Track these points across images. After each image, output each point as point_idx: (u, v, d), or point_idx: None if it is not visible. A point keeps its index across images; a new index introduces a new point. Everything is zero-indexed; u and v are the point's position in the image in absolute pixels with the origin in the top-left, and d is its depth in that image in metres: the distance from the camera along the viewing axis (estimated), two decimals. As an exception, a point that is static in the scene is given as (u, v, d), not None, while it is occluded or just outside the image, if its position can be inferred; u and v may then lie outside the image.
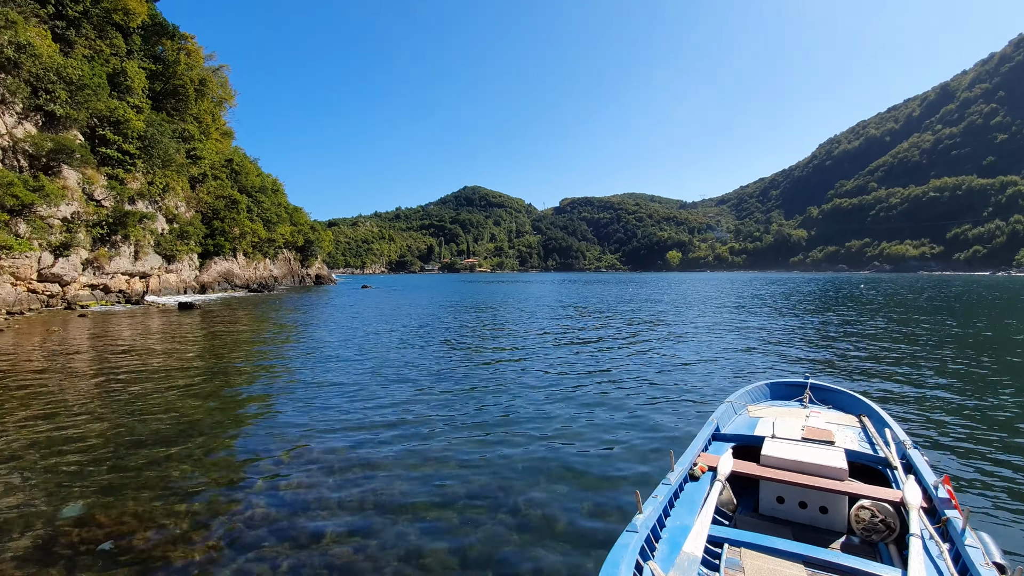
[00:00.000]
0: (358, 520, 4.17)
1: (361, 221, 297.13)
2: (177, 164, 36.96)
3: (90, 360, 11.29)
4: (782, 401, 5.64)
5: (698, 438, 4.15)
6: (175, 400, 7.85)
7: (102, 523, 4.09)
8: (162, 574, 3.46)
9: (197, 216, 40.74)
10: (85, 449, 5.72)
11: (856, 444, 4.09)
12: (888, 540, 3.16)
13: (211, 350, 12.84)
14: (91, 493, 4.63)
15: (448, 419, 6.97)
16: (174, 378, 9.44)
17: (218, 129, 50.58)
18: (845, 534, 3.29)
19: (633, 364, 10.99)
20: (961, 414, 7.05)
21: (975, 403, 7.60)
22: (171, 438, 6.11)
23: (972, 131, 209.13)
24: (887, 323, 18.78)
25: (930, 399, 7.90)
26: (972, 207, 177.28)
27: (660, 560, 2.62)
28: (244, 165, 52.96)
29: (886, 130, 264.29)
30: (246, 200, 48.53)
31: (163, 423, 6.69)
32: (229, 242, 44.74)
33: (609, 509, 4.35)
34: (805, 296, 37.11)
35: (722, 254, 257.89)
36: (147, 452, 5.63)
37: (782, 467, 3.55)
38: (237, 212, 45.72)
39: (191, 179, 41.06)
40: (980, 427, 6.48)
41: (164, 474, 5.07)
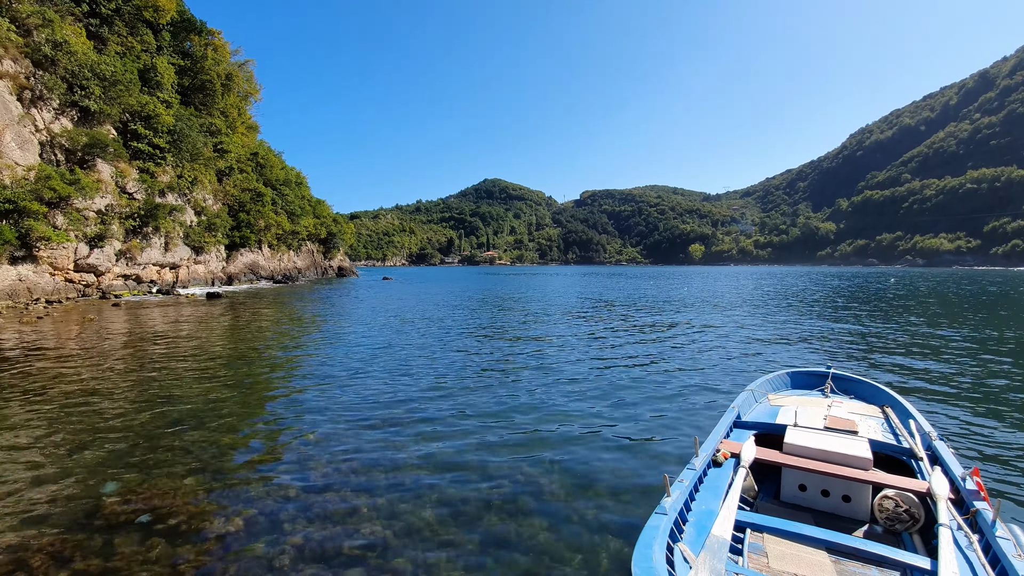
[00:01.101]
0: (384, 501, 4.28)
1: (382, 214, 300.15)
2: (205, 158, 37.80)
3: (125, 347, 11.71)
4: (803, 391, 5.58)
5: (720, 425, 4.14)
6: (205, 385, 8.12)
7: (139, 498, 4.28)
8: (197, 545, 3.62)
9: (224, 209, 41.65)
10: (122, 429, 5.97)
11: (880, 434, 4.03)
12: (912, 530, 3.12)
13: (238, 338, 13.19)
14: (129, 471, 4.85)
15: (473, 405, 7.06)
16: (203, 364, 9.75)
17: (244, 123, 51.48)
18: (868, 523, 3.26)
19: (655, 354, 10.93)
20: (990, 409, 6.84)
21: (1006, 396, 7.36)
22: (202, 421, 6.33)
23: (1013, 120, 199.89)
24: (915, 318, 18.25)
25: (957, 392, 7.69)
26: (1012, 199, 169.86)
27: (688, 542, 2.66)
28: (269, 158, 53.85)
29: (921, 119, 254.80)
30: (271, 193, 49.38)
31: (195, 406, 6.93)
32: (254, 234, 45.64)
33: (634, 490, 4.41)
34: (834, 292, 36.21)
35: (746, 247, 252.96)
36: (180, 434, 5.86)
37: (805, 455, 3.52)
38: (262, 205, 46.57)
39: (218, 172, 41.96)
40: (1010, 421, 6.28)
41: (196, 454, 5.27)
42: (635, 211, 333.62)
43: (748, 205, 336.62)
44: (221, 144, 41.67)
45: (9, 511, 4.06)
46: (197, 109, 39.87)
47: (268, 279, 47.46)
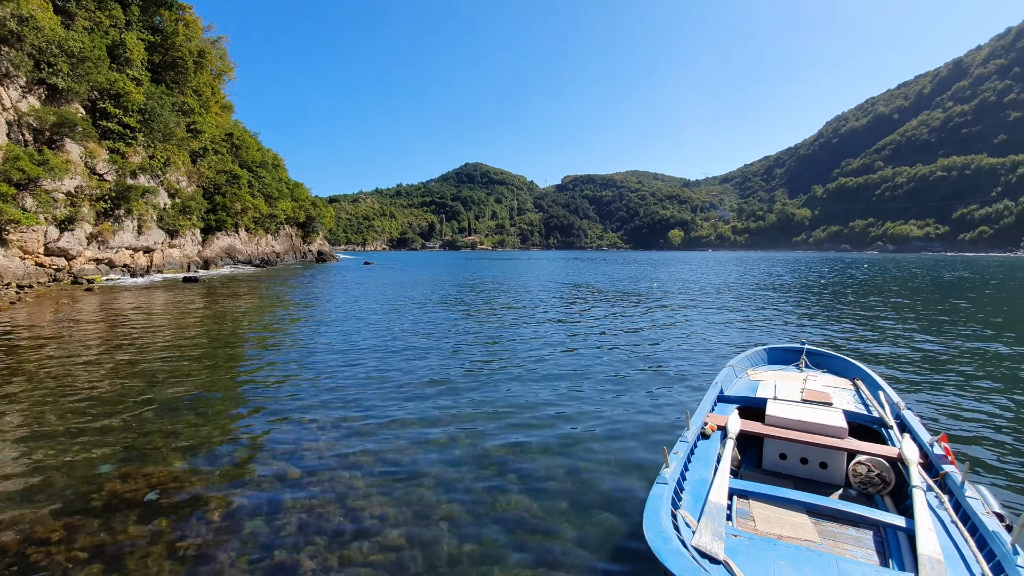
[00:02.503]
0: (380, 479, 4.39)
1: (362, 198, 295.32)
2: (178, 138, 36.66)
3: (103, 332, 11.50)
4: (780, 365, 5.87)
5: (705, 400, 4.34)
6: (189, 369, 8.06)
7: (138, 478, 4.31)
8: (198, 523, 3.68)
9: (199, 191, 40.59)
10: (110, 414, 5.93)
11: (852, 405, 4.29)
12: (883, 493, 3.35)
13: (220, 322, 13.04)
14: (122, 452, 4.85)
15: (466, 386, 7.17)
16: (185, 348, 9.65)
17: (218, 102, 49.91)
18: (843, 488, 3.48)
19: (639, 335, 11.17)
20: (953, 381, 7.24)
21: (967, 371, 7.78)
22: (190, 404, 6.32)
23: (984, 108, 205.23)
24: (883, 297, 18.91)
25: (922, 366, 8.11)
26: (980, 187, 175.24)
27: (688, 508, 2.87)
28: (244, 139, 52.44)
29: (895, 107, 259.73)
30: (247, 175, 48.22)
31: (181, 390, 6.90)
32: (231, 217, 44.64)
33: (631, 462, 4.60)
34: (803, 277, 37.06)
35: (724, 233, 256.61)
36: (169, 416, 5.85)
37: (786, 426, 3.73)
38: (238, 187, 45.49)
39: (192, 153, 40.77)
40: (974, 392, 6.68)
41: (188, 436, 5.29)
42: (616, 196, 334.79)
43: (727, 191, 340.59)
44: (194, 124, 40.41)
45: (7, 493, 4.05)
46: (169, 87, 38.50)
47: (246, 263, 46.59)
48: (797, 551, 2.49)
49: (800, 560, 2.42)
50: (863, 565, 2.41)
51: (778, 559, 2.44)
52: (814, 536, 2.73)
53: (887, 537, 2.76)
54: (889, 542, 2.73)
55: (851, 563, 2.41)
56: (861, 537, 2.76)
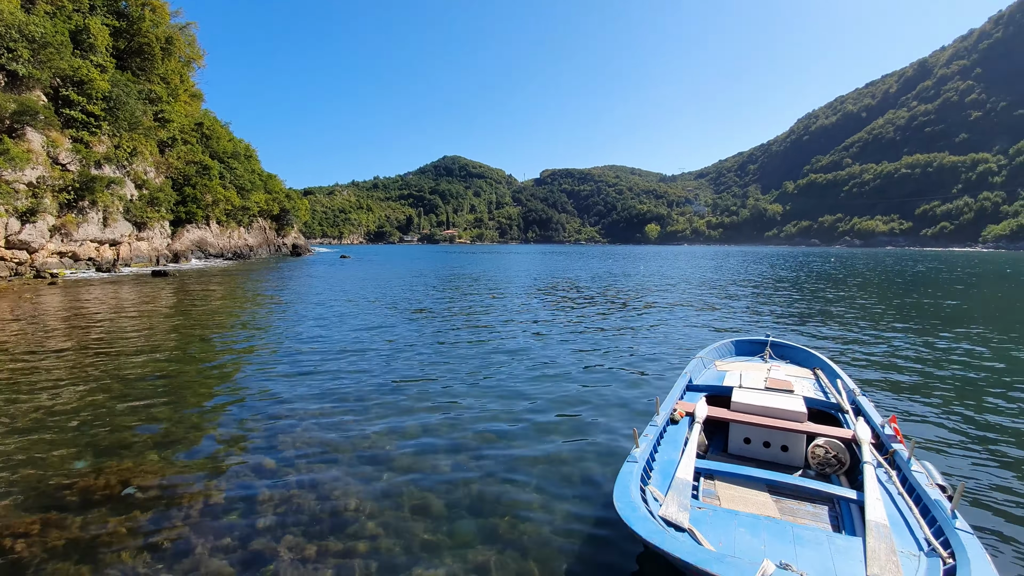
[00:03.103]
0: (355, 471, 4.45)
1: (338, 190, 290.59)
2: (144, 127, 35.52)
3: (69, 327, 11.19)
4: (746, 357, 6.15)
5: (675, 388, 4.53)
6: (160, 364, 7.95)
7: (114, 472, 4.29)
8: (179, 514, 3.70)
9: (167, 182, 39.45)
10: (79, 409, 5.85)
11: (812, 392, 4.53)
12: (839, 472, 3.57)
13: (191, 316, 12.81)
14: (96, 448, 4.81)
15: (444, 379, 7.25)
16: (156, 343, 9.49)
17: (187, 91, 48.45)
18: (802, 468, 3.70)
19: (613, 327, 11.40)
20: (904, 367, 7.65)
21: (917, 358, 8.21)
22: (163, 398, 6.26)
23: (947, 108, 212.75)
24: (843, 291, 19.63)
25: (876, 356, 8.55)
26: (942, 184, 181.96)
27: (656, 484, 3.07)
28: (215, 129, 51.09)
29: (863, 106, 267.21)
30: (218, 166, 47.02)
31: (152, 385, 6.82)
32: (201, 210, 43.54)
33: (605, 447, 4.77)
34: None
35: (700, 228, 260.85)
36: (140, 411, 5.79)
37: (750, 412, 3.93)
38: (209, 178, 44.35)
39: (160, 143, 39.56)
40: (923, 377, 7.08)
41: (161, 430, 5.25)
42: (594, 191, 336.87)
43: (702, 186, 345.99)
44: (162, 113, 39.20)
45: (-27, 489, 3.99)
46: (135, 74, 37.20)
47: (217, 257, 45.55)
48: (756, 520, 2.69)
49: (758, 528, 2.61)
50: (816, 530, 2.62)
51: (738, 527, 2.62)
52: (774, 511, 2.92)
53: (841, 510, 2.98)
54: (842, 514, 2.95)
55: (805, 529, 2.62)
56: (818, 512, 2.96)
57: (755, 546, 2.49)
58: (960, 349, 9.37)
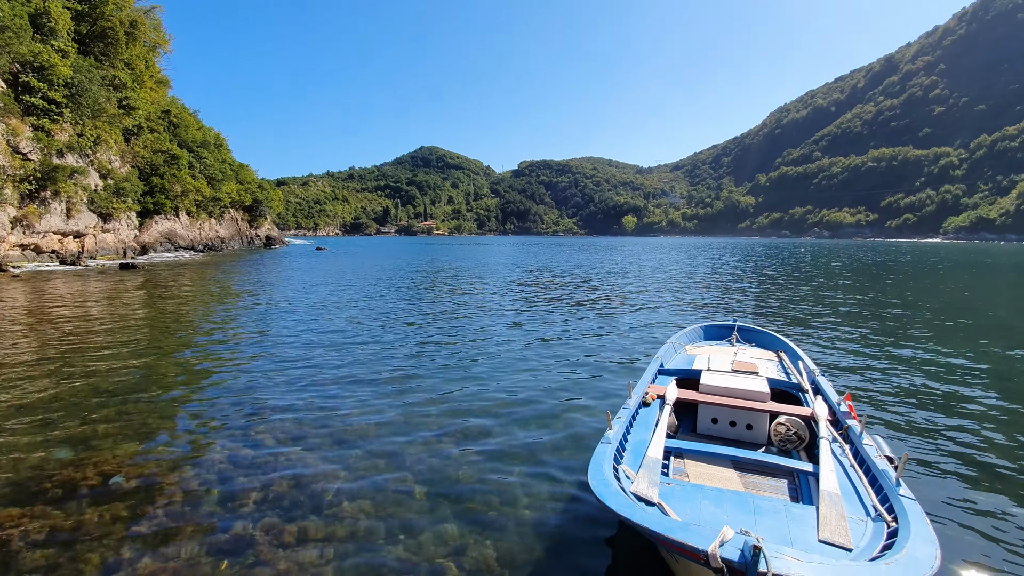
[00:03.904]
0: (329, 456, 4.52)
1: (312, 181, 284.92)
2: (108, 114, 34.26)
3: (37, 322, 10.90)
4: (714, 341, 6.45)
5: (647, 372, 4.74)
6: (133, 357, 7.82)
7: (92, 464, 4.27)
8: (159, 504, 3.73)
9: (133, 172, 38.19)
10: (50, 401, 5.78)
11: (775, 374, 4.80)
12: (799, 448, 3.82)
13: (163, 310, 12.58)
14: (73, 440, 4.77)
15: (424, 367, 7.34)
16: (127, 336, 9.33)
17: (152, 77, 46.82)
18: (765, 445, 3.94)
19: (591, 316, 11.64)
20: (859, 350, 8.09)
21: (871, 341, 8.66)
22: (136, 391, 6.19)
23: (912, 103, 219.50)
24: (804, 279, 20.35)
25: (835, 339, 9.04)
26: (906, 177, 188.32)
27: (628, 463, 3.25)
28: (183, 117, 49.58)
29: (832, 100, 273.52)
30: (187, 155, 45.72)
31: (125, 378, 6.72)
32: (170, 200, 42.35)
33: (580, 429, 4.97)
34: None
35: (675, 219, 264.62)
36: (115, 404, 5.73)
37: (717, 393, 4.15)
38: (177, 168, 43.14)
39: (125, 131, 38.22)
40: (877, 358, 7.51)
41: (137, 422, 5.22)
42: (572, 182, 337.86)
43: (677, 178, 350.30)
44: (127, 100, 37.85)
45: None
46: (98, 60, 35.79)
47: (188, 249, 44.46)
48: (720, 493, 2.92)
49: (722, 500, 2.84)
50: (775, 501, 2.85)
51: (703, 500, 2.84)
52: (738, 485, 3.14)
53: (799, 482, 3.22)
54: (800, 486, 3.18)
55: (765, 500, 2.85)
56: (778, 485, 3.19)
57: (718, 516, 2.71)
58: (910, 334, 9.90)
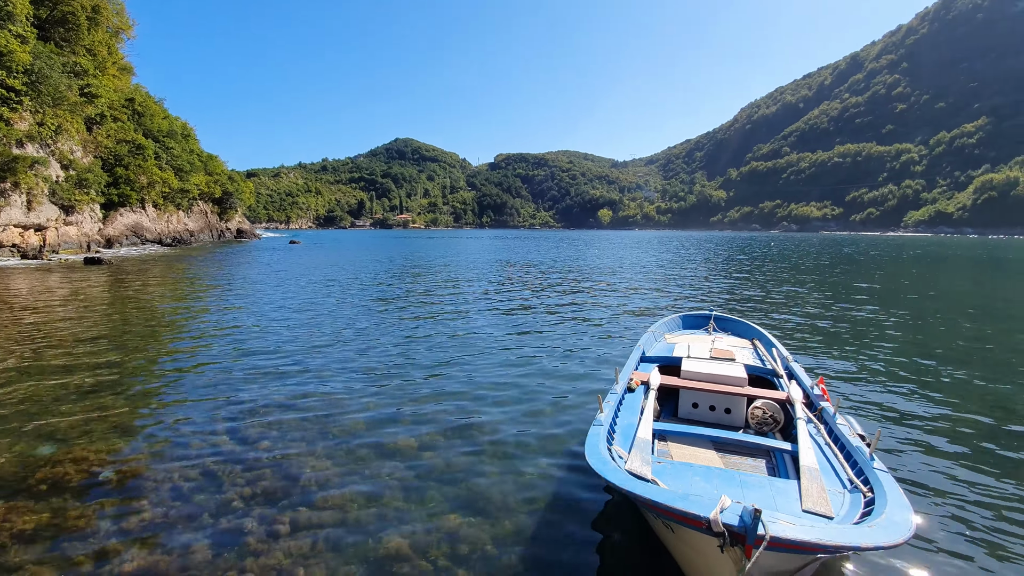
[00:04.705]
0: (318, 447, 4.57)
1: (284, 172, 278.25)
2: (70, 102, 32.87)
3: (1, 318, 10.55)
4: (692, 330, 6.79)
5: (630, 360, 4.98)
6: (107, 353, 7.66)
7: (76, 461, 4.22)
8: (146, 497, 3.72)
9: (97, 162, 36.79)
10: (26, 398, 5.67)
11: (751, 360, 5.10)
12: (775, 430, 4.09)
13: (134, 306, 12.31)
14: (55, 436, 4.71)
15: (410, 359, 7.43)
16: (98, 332, 9.13)
17: (115, 63, 45.00)
18: (743, 428, 4.20)
19: (572, 307, 11.88)
20: (829, 337, 8.55)
21: (839, 329, 9.14)
22: (113, 388, 6.09)
23: (875, 100, 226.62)
24: (774, 271, 21.10)
25: (806, 328, 9.55)
26: (870, 172, 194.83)
27: (619, 444, 3.47)
28: (148, 106, 47.83)
29: (800, 97, 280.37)
30: (153, 145, 44.19)
31: (99, 374, 6.61)
32: (136, 192, 40.93)
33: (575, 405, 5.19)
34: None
35: (650, 213, 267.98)
36: (91, 399, 5.65)
37: (697, 379, 4.40)
38: (143, 159, 41.69)
39: (87, 120, 36.75)
40: (845, 344, 7.96)
41: (116, 417, 5.16)
42: (548, 175, 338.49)
43: (652, 172, 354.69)
44: (89, 87, 36.34)
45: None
46: (58, 46, 34.23)
47: (155, 242, 43.10)
48: (708, 470, 3.16)
49: (711, 476, 3.08)
50: (758, 477, 3.10)
51: (693, 476, 3.07)
52: (720, 464, 3.38)
53: (776, 461, 3.48)
54: (778, 464, 3.44)
55: (749, 476, 3.10)
56: (757, 464, 3.45)
57: (710, 490, 2.94)
58: (875, 320, 10.45)
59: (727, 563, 2.20)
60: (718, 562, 2.27)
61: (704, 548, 2.32)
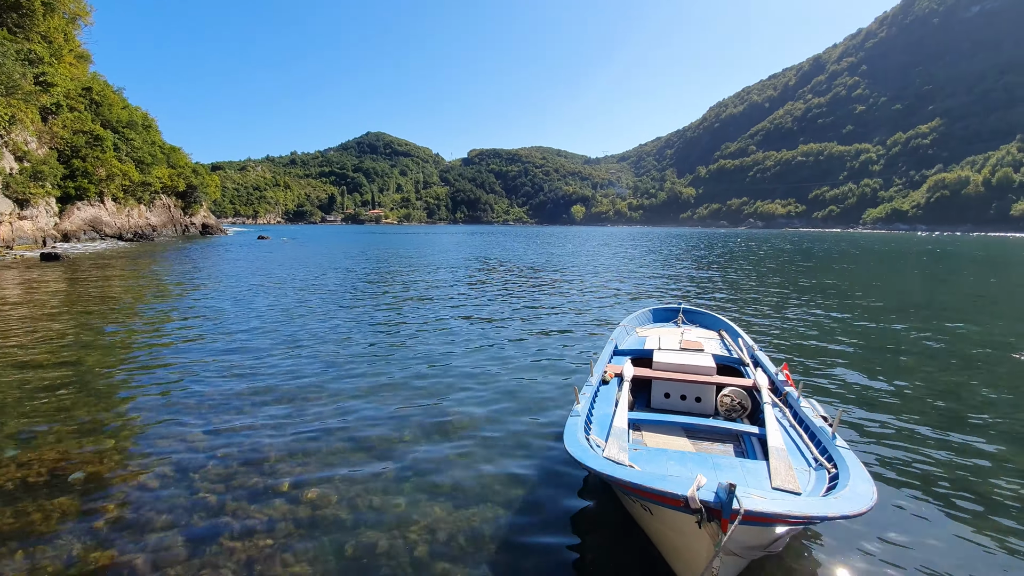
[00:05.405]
0: (284, 440, 4.58)
1: (251, 165, 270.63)
2: (24, 91, 31.31)
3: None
4: (662, 323, 7.13)
5: (604, 353, 5.21)
6: (68, 351, 7.46)
7: (44, 461, 4.12)
8: (118, 496, 3.66)
9: (52, 154, 35.22)
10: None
11: (719, 350, 5.40)
12: (743, 416, 4.36)
13: (93, 302, 11.97)
14: (19, 436, 4.60)
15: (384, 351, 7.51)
16: (59, 331, 8.83)
17: (72, 51, 43.05)
18: (713, 415, 4.46)
19: (547, 301, 12.13)
20: (790, 327, 9.04)
21: (799, 319, 9.65)
22: (77, 386, 5.94)
23: (836, 101, 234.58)
24: (740, 267, 21.86)
25: (769, 319, 10.03)
26: (831, 171, 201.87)
27: (596, 433, 3.64)
28: (106, 95, 45.90)
29: (766, 97, 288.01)
30: (112, 136, 42.51)
31: (61, 372, 6.44)
32: (94, 185, 39.31)
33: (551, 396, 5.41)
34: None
35: (622, 209, 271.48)
36: (55, 401, 5.48)
37: (668, 370, 4.64)
38: (102, 150, 40.06)
39: (42, 110, 35.10)
40: (805, 332, 8.43)
41: (82, 416, 5.06)
42: (522, 171, 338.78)
43: (623, 169, 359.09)
44: (44, 75, 34.70)
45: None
46: (11, 32, 32.56)
47: (115, 237, 41.48)
48: (682, 455, 3.40)
49: (685, 460, 3.32)
50: (729, 459, 3.34)
51: (668, 460, 3.31)
52: (692, 449, 3.62)
53: (745, 444, 3.74)
54: (747, 447, 3.70)
55: (721, 458, 3.34)
56: (727, 448, 3.71)
57: (685, 472, 3.14)
58: (835, 310, 11.05)
59: (704, 539, 2.28)
60: (696, 538, 2.35)
61: (682, 526, 2.41)
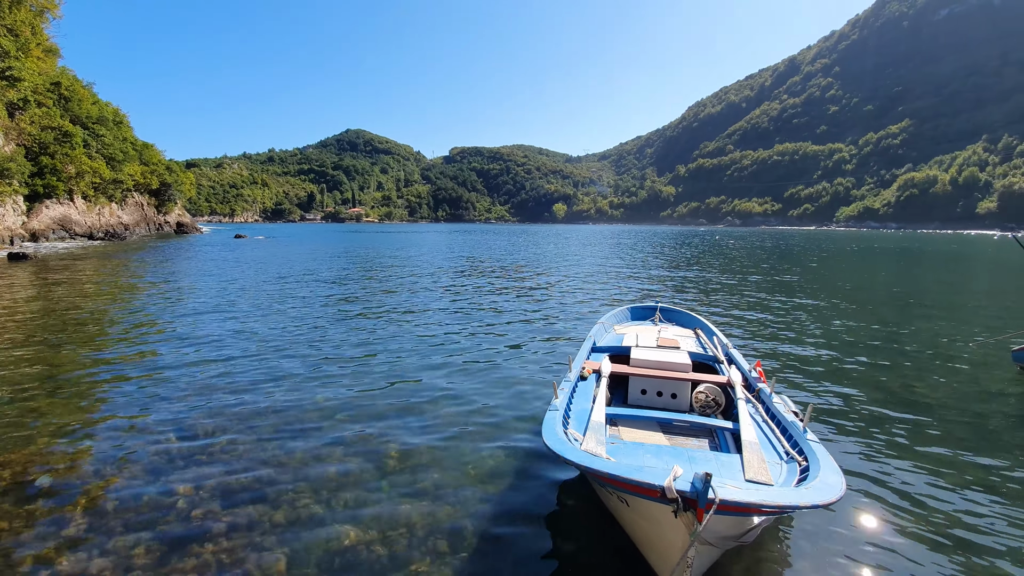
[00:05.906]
0: (261, 442, 4.54)
1: (227, 163, 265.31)
2: (-13, 86, 30.32)
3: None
4: (639, 321, 7.31)
5: (582, 350, 5.34)
6: (37, 353, 7.29)
7: (15, 464, 4.04)
8: (84, 502, 3.57)
9: (19, 150, 34.09)
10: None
11: (695, 348, 5.58)
12: (717, 412, 4.52)
13: (63, 305, 11.69)
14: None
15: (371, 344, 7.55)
16: (26, 333, 8.61)
17: (39, 45, 41.59)
18: (688, 411, 4.62)
19: (526, 299, 12.27)
20: (763, 325, 9.35)
21: (774, 317, 9.98)
22: (47, 389, 5.83)
23: (811, 102, 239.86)
24: (715, 265, 22.34)
25: (742, 317, 10.35)
26: (806, 170, 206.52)
27: (574, 428, 3.73)
28: (76, 90, 44.61)
29: (743, 97, 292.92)
30: (81, 133, 41.31)
31: (30, 373, 6.33)
32: (63, 183, 38.20)
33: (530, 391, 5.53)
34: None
35: (603, 208, 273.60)
36: (23, 404, 5.36)
37: (645, 367, 4.78)
38: (71, 147, 38.91)
39: (9, 105, 33.94)
40: (777, 331, 8.73)
41: (51, 418, 5.01)
42: (504, 169, 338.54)
43: (605, 168, 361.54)
44: (11, 70, 33.48)
45: None
46: (-29, 23, 31.42)
47: (86, 237, 40.36)
48: (658, 448, 3.53)
49: (661, 453, 3.45)
50: (704, 452, 3.49)
51: (645, 454, 3.43)
52: (667, 444, 3.76)
53: (719, 439, 3.88)
54: (721, 441, 3.85)
55: (695, 452, 3.49)
56: (701, 443, 3.85)
57: (661, 464, 3.25)
58: (806, 308, 11.45)
59: (680, 529, 2.30)
60: (671, 529, 2.37)
61: (658, 516, 2.44)
